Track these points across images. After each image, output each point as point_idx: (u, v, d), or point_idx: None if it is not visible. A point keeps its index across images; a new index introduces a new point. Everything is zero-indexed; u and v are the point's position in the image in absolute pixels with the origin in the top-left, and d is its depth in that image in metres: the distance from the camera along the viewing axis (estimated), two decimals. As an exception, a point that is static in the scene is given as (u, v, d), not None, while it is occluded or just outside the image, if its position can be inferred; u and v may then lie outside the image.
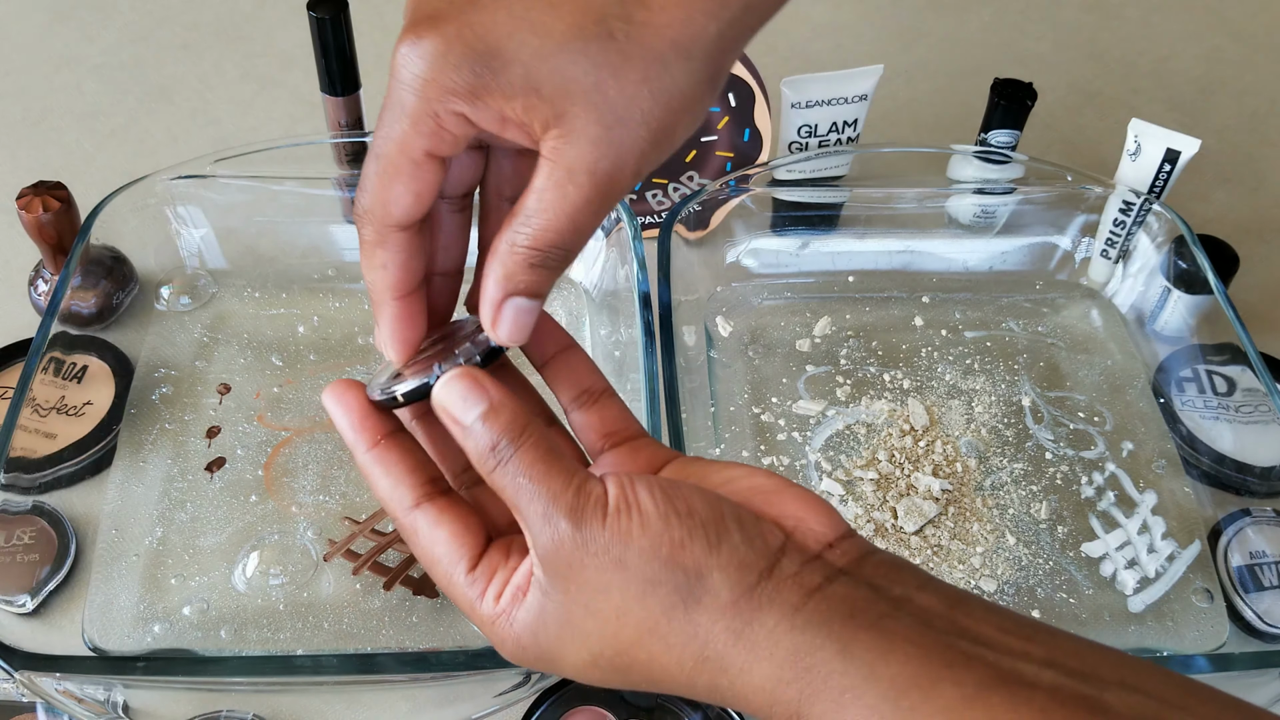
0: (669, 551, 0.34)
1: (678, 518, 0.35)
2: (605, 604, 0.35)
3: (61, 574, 0.62)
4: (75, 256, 0.67)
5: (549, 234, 0.36)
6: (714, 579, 0.34)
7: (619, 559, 0.34)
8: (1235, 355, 0.70)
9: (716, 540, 0.35)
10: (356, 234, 0.38)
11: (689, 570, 0.34)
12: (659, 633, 0.35)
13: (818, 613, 0.34)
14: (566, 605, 0.36)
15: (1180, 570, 0.64)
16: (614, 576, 0.35)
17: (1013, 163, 0.77)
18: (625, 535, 0.35)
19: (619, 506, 0.35)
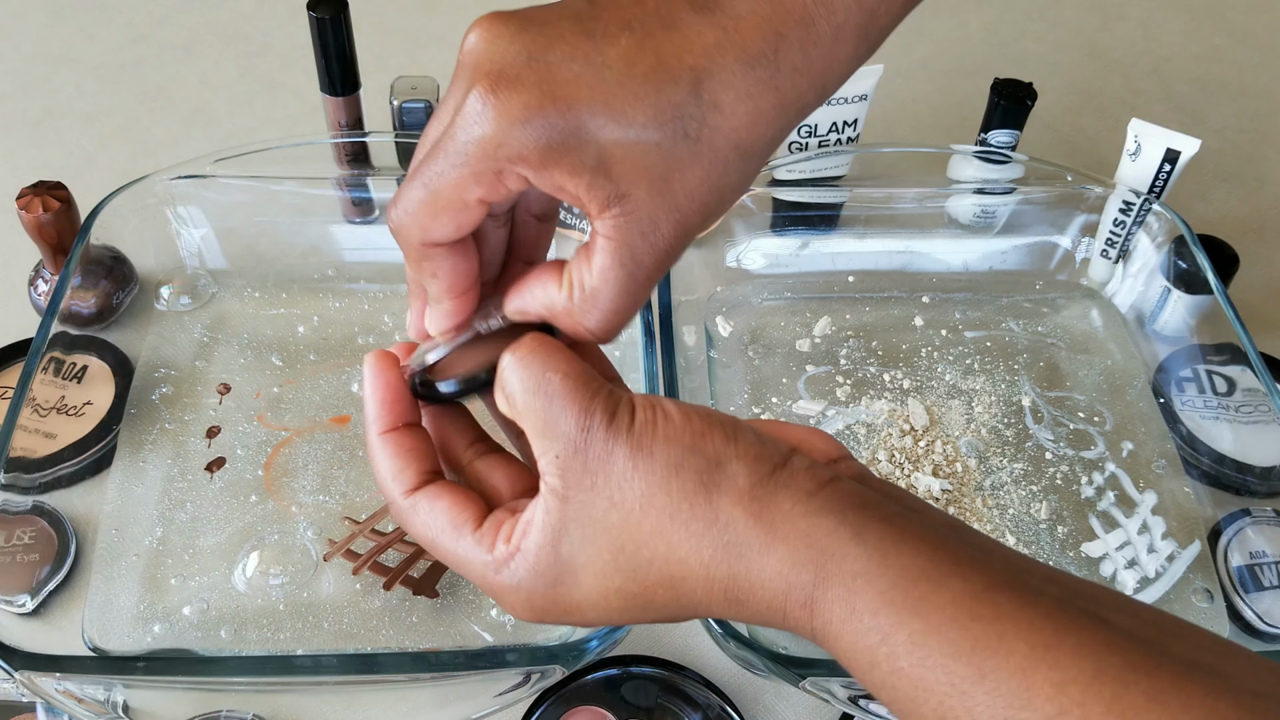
0: (691, 440, 0.36)
1: (698, 416, 0.37)
2: (629, 494, 0.36)
3: (61, 574, 0.62)
4: (75, 256, 0.67)
5: (617, 315, 0.38)
6: (733, 466, 0.36)
7: (644, 448, 0.36)
8: (1235, 355, 0.70)
9: (734, 434, 0.36)
10: (395, 241, 0.39)
11: (709, 457, 0.36)
12: (681, 518, 0.35)
13: (831, 499, 0.35)
14: (590, 502, 0.36)
15: (1180, 570, 0.64)
16: (639, 464, 0.35)
17: (1013, 163, 0.77)
18: (651, 427, 0.36)
19: (645, 407, 0.37)
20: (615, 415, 0.36)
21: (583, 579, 0.37)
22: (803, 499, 0.35)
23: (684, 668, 0.61)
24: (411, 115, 0.76)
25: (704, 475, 0.35)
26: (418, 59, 0.97)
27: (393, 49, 0.98)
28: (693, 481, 0.35)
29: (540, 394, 0.36)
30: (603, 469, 0.36)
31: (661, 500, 0.35)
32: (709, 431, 0.36)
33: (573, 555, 0.37)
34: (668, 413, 0.37)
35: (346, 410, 0.70)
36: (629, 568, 0.36)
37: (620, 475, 0.36)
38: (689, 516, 0.35)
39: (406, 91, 0.76)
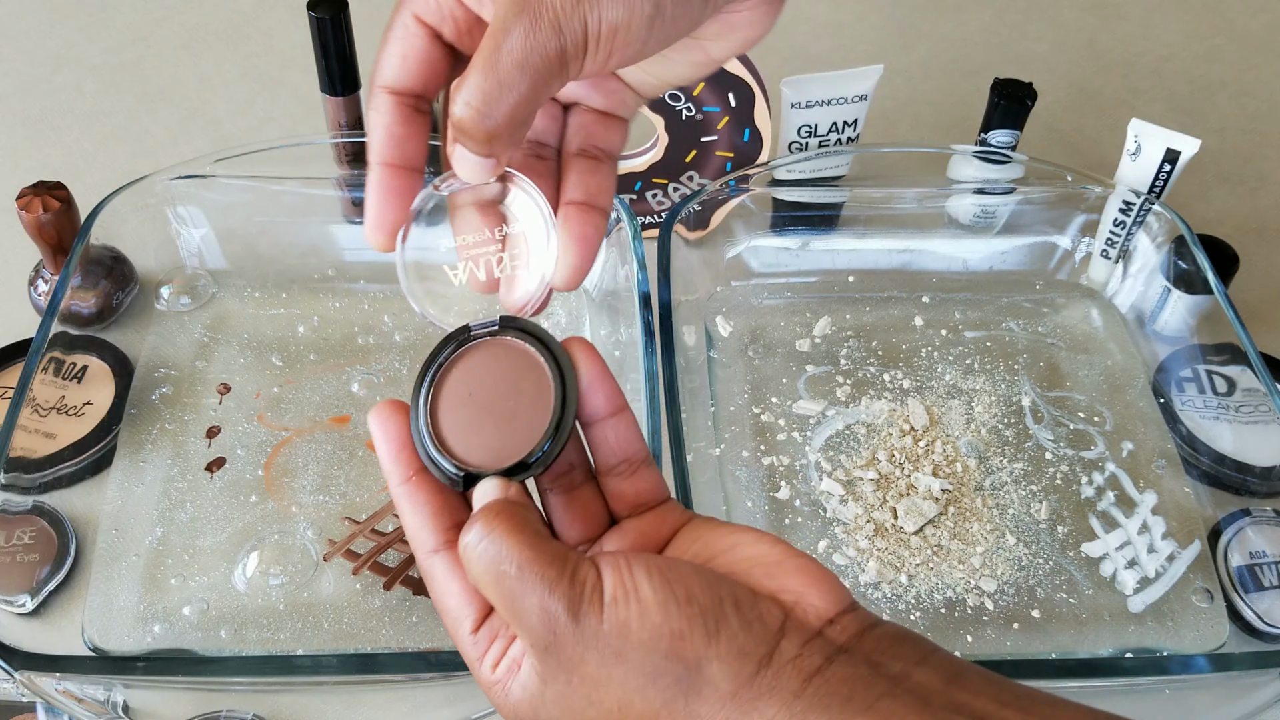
0: (669, 645, 0.35)
1: (676, 605, 0.35)
2: (606, 696, 0.35)
3: (61, 574, 0.62)
4: (75, 256, 0.67)
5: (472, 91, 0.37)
6: (713, 669, 0.35)
7: (619, 652, 0.35)
8: (1235, 355, 0.70)
9: (715, 629, 0.35)
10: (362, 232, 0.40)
11: (689, 662, 0.35)
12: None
13: (817, 699, 0.34)
14: (567, 695, 0.36)
15: (1180, 570, 0.64)
16: (614, 670, 0.35)
17: (1013, 163, 0.77)
18: (624, 628, 0.35)
19: (615, 596, 0.36)
20: (581, 613, 0.35)
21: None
22: (787, 702, 0.34)
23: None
24: (411, 115, 0.76)
25: (683, 682, 0.35)
26: (418, 59, 0.97)
27: None
28: (672, 688, 0.35)
29: (501, 587, 0.36)
30: (576, 670, 0.36)
31: (640, 707, 0.35)
32: (687, 631, 0.35)
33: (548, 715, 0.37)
34: (643, 602, 0.35)
35: (346, 410, 0.70)
36: None
37: (594, 680, 0.35)
38: (662, 706, 0.35)
39: (406, 91, 0.76)
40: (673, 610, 0.35)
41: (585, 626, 0.35)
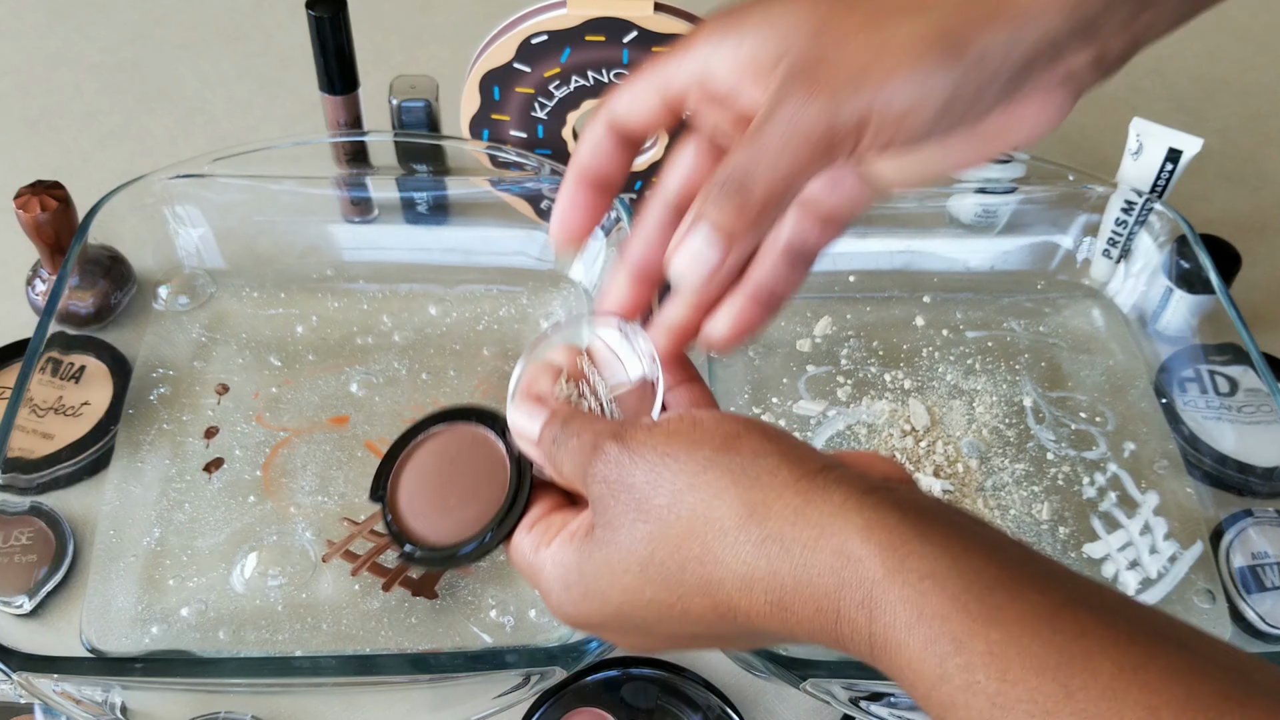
0: (722, 440, 0.34)
1: (733, 420, 0.35)
2: (656, 498, 0.34)
3: (59, 575, 0.61)
4: (73, 256, 0.67)
5: (739, 160, 0.36)
6: (771, 460, 0.34)
7: (666, 453, 0.34)
8: (1237, 355, 0.69)
9: (775, 435, 0.35)
10: None
11: (744, 453, 0.34)
12: (713, 516, 0.33)
13: (889, 497, 0.32)
14: (617, 513, 0.35)
15: (1182, 571, 0.64)
16: (664, 470, 0.34)
17: (1014, 162, 0.77)
18: (674, 434, 0.35)
19: (670, 419, 0.36)
20: (632, 429, 0.36)
21: (611, 595, 0.36)
22: (856, 494, 0.32)
23: (684, 669, 0.60)
24: (410, 114, 0.75)
25: (738, 471, 0.33)
26: (417, 58, 0.97)
27: (392, 48, 0.98)
28: (726, 477, 0.33)
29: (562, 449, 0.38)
30: (625, 480, 0.35)
31: (690, 499, 0.34)
32: (745, 432, 0.34)
33: (597, 573, 0.36)
34: (697, 418, 0.36)
35: (345, 411, 0.69)
36: (660, 577, 0.34)
37: (646, 481, 0.34)
38: (721, 514, 0.33)
39: (405, 90, 0.75)
40: (728, 422, 0.35)
41: (638, 434, 0.35)
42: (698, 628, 0.35)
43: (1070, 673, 0.28)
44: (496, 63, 0.72)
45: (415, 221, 0.79)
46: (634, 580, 0.35)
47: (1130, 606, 0.30)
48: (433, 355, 0.73)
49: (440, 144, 0.77)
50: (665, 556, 0.34)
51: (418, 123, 0.76)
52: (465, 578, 0.62)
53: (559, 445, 0.38)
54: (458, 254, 0.78)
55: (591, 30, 0.70)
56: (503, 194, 0.78)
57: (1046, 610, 0.29)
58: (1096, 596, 0.30)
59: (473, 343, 0.73)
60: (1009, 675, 0.28)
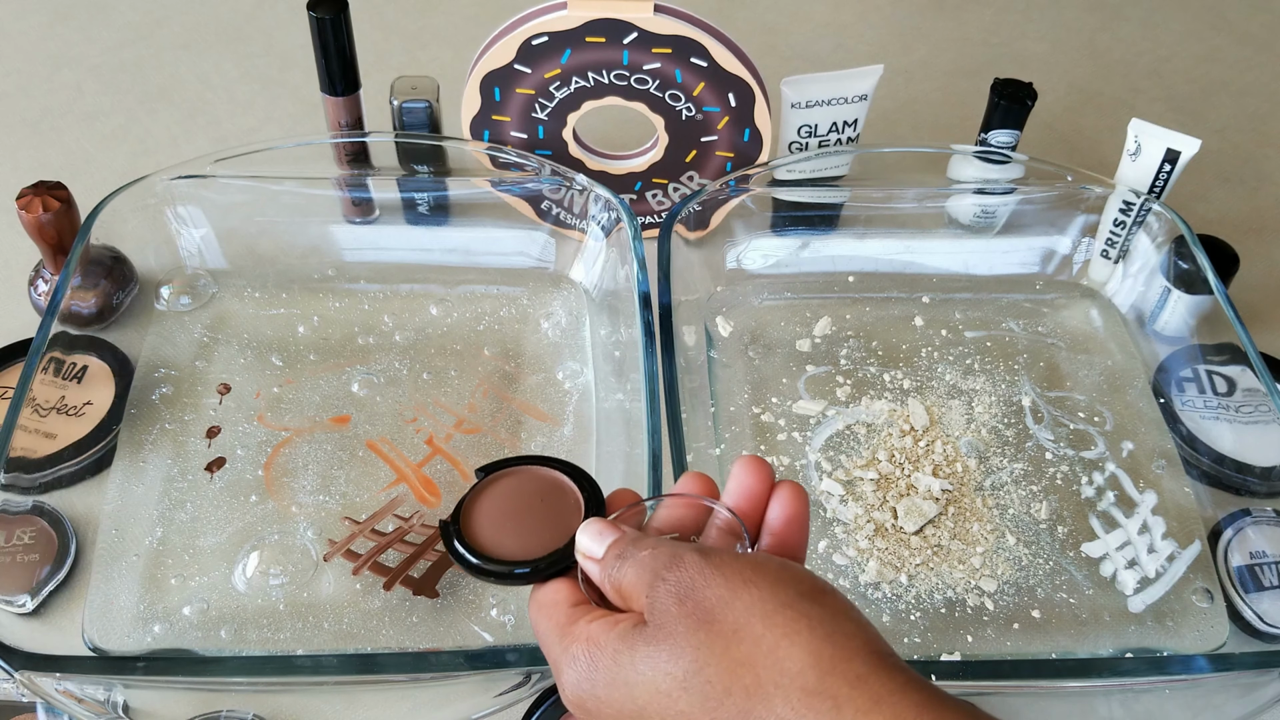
0: (809, 589, 0.35)
1: (820, 579, 0.36)
2: (725, 617, 0.34)
3: (61, 574, 0.62)
4: (75, 256, 0.67)
5: None
6: (851, 625, 0.34)
7: (751, 580, 0.34)
8: (1235, 355, 0.70)
9: (854, 606, 0.35)
10: None
11: (828, 607, 0.34)
12: (776, 654, 0.33)
13: (942, 694, 0.33)
14: (678, 618, 0.35)
15: (1180, 570, 0.64)
16: (743, 594, 0.34)
17: (1013, 163, 0.77)
18: (761, 566, 0.35)
19: (761, 554, 0.36)
20: (713, 553, 0.36)
21: (639, 692, 0.35)
22: (916, 679, 0.33)
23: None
24: (411, 115, 0.76)
25: (816, 621, 0.33)
26: (418, 59, 0.97)
27: (393, 49, 0.98)
28: (803, 621, 0.33)
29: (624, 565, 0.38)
30: (702, 589, 0.35)
31: (759, 630, 0.33)
32: (831, 591, 0.35)
33: (637, 662, 0.35)
34: (786, 563, 0.36)
35: (346, 410, 0.70)
36: (701, 692, 0.34)
37: (719, 599, 0.34)
38: (785, 654, 0.33)
39: (406, 91, 0.76)
40: (818, 577, 0.35)
41: (717, 559, 0.35)
42: None
43: None
44: (497, 64, 0.72)
45: (416, 222, 0.79)
46: (671, 685, 0.34)
47: None
48: (434, 355, 0.73)
49: (441, 145, 0.77)
50: (714, 675, 0.34)
51: (419, 124, 0.76)
52: (467, 577, 0.62)
53: (625, 559, 0.38)
54: (458, 254, 0.78)
55: (592, 31, 0.70)
56: (503, 194, 0.78)
57: None
58: None
59: (473, 343, 0.74)
60: None
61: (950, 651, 0.60)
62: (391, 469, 0.67)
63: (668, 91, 0.73)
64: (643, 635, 0.35)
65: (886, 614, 0.62)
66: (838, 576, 0.63)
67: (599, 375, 0.72)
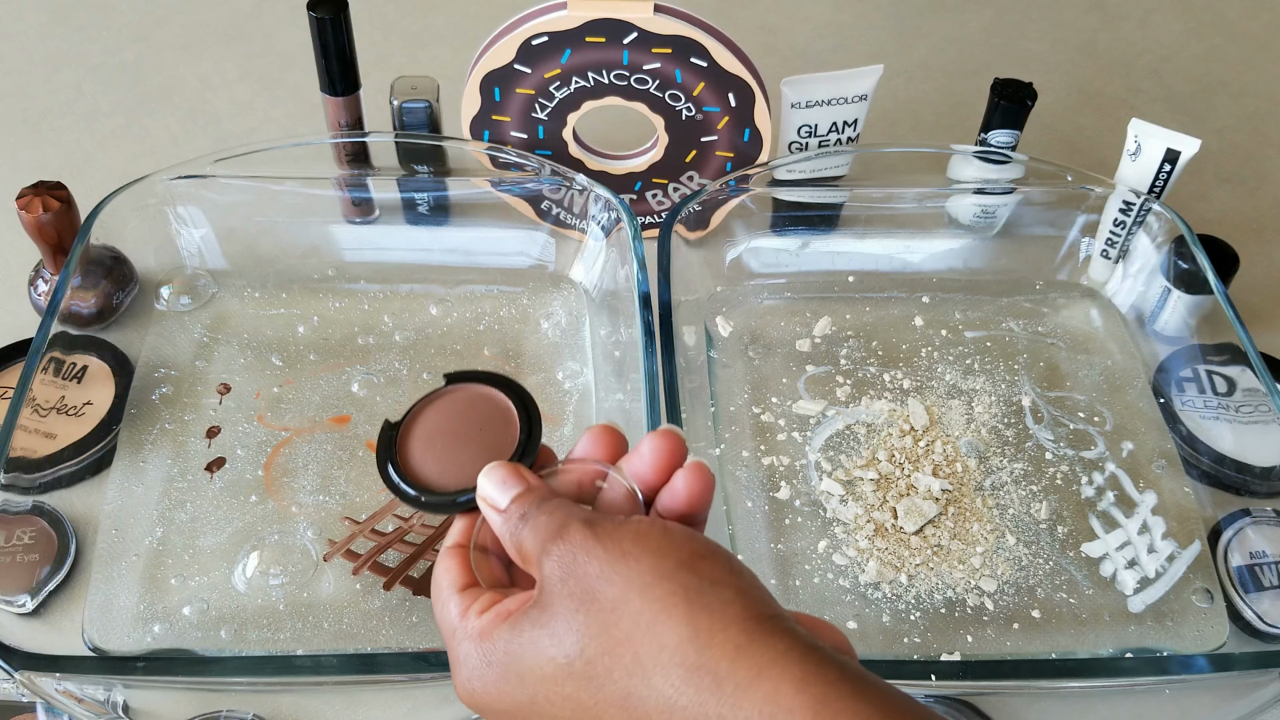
0: (688, 556, 0.33)
1: (705, 543, 0.34)
2: (604, 594, 0.33)
3: (61, 574, 0.62)
4: (75, 256, 0.67)
5: None
6: (729, 592, 0.33)
7: (630, 552, 0.34)
8: (1235, 355, 0.70)
9: (740, 569, 0.34)
10: None
11: (705, 575, 0.33)
12: (654, 630, 0.32)
13: (827, 658, 0.32)
14: (560, 598, 0.34)
15: (1180, 570, 0.64)
16: (621, 567, 0.33)
17: (1013, 163, 0.77)
18: (642, 535, 0.34)
19: (642, 522, 0.35)
20: (598, 521, 0.35)
21: (529, 681, 0.34)
22: (800, 646, 0.32)
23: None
24: (411, 115, 0.76)
25: (693, 591, 0.32)
26: (418, 59, 0.97)
27: (393, 49, 0.98)
28: (679, 594, 0.32)
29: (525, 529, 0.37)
30: (584, 565, 0.34)
31: (637, 605, 0.33)
32: (712, 555, 0.34)
33: (524, 651, 0.34)
34: (670, 528, 0.34)
35: (346, 410, 0.70)
36: (584, 674, 0.33)
37: (599, 574, 0.33)
38: (663, 629, 0.32)
39: (406, 91, 0.76)
40: (700, 540, 0.34)
41: (602, 528, 0.34)
42: None
43: None
44: (497, 64, 0.72)
45: (416, 222, 0.79)
46: (556, 670, 0.34)
47: None
48: (434, 355, 0.73)
49: (441, 145, 0.77)
50: (595, 655, 0.33)
51: (419, 124, 0.76)
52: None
53: (527, 521, 0.37)
54: (458, 254, 0.78)
55: (592, 31, 0.70)
56: (503, 194, 0.78)
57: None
58: None
59: (473, 343, 0.74)
60: None
61: (950, 651, 0.60)
62: (391, 469, 0.67)
63: (668, 91, 0.73)
64: (529, 619, 0.35)
65: (886, 614, 0.62)
66: (838, 576, 0.63)
67: (599, 375, 0.72)
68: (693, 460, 0.38)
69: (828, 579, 0.63)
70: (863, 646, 0.60)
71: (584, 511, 0.36)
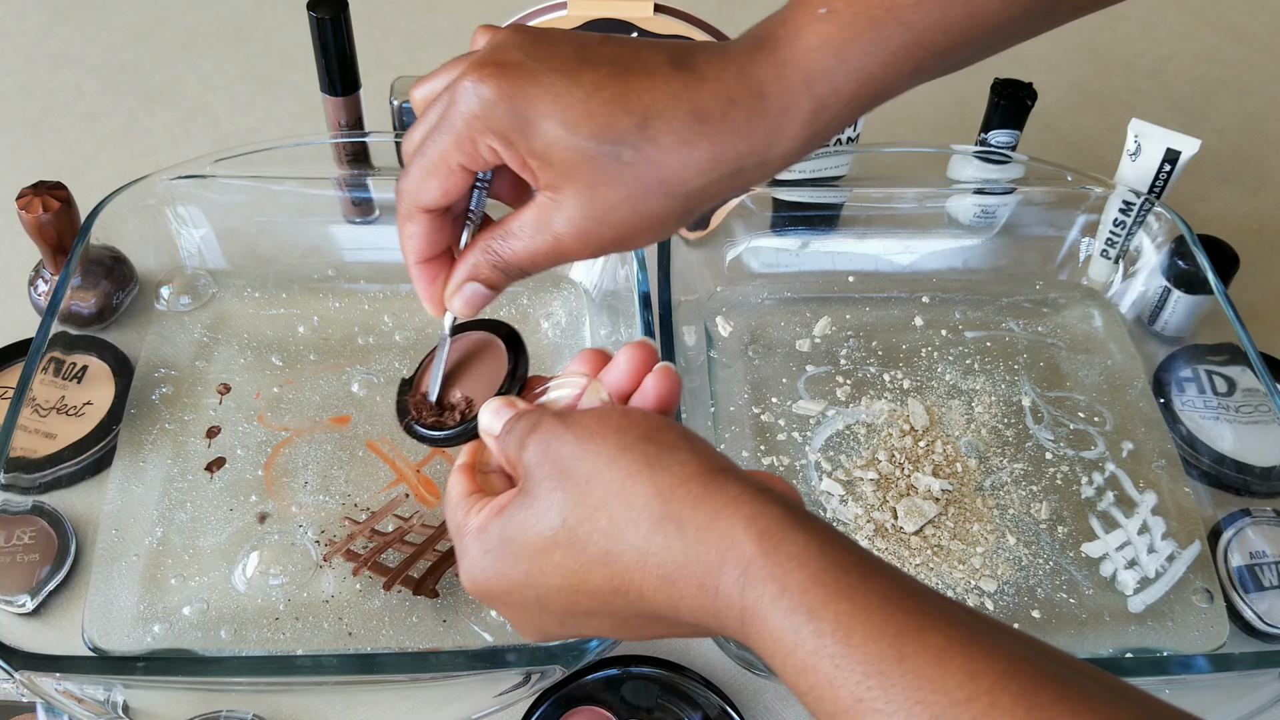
0: (644, 429, 0.38)
1: (658, 418, 0.39)
2: (577, 470, 0.38)
3: (61, 574, 0.62)
4: (75, 256, 0.67)
5: (516, 256, 0.43)
6: (683, 453, 0.38)
7: (593, 432, 0.38)
8: (1235, 355, 0.70)
9: (693, 436, 0.39)
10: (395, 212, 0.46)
11: (661, 444, 0.38)
12: (624, 493, 0.37)
13: (773, 500, 0.36)
14: (540, 480, 0.39)
15: (1180, 570, 0.64)
16: (589, 445, 0.38)
17: (1013, 163, 0.77)
18: (604, 417, 0.39)
19: (605, 407, 0.40)
20: (580, 410, 0.40)
21: (522, 557, 0.39)
22: (750, 491, 0.36)
23: (684, 668, 0.61)
24: (411, 115, 0.75)
25: (653, 457, 0.37)
26: (418, 59, 0.97)
27: (393, 49, 0.98)
28: (641, 461, 0.37)
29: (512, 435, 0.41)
30: (557, 449, 0.39)
31: (606, 476, 0.37)
32: (667, 427, 0.39)
33: (514, 533, 0.39)
34: (628, 410, 0.40)
35: (346, 410, 0.70)
36: (568, 541, 0.38)
37: (571, 454, 0.38)
38: (631, 491, 0.37)
39: (406, 91, 0.75)
40: (655, 417, 0.39)
41: (567, 420, 0.39)
42: (592, 602, 0.38)
43: (904, 641, 0.32)
44: (497, 64, 0.72)
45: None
46: (544, 542, 0.38)
47: (971, 610, 0.34)
48: (433, 355, 0.73)
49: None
50: (575, 523, 0.38)
51: (418, 123, 0.76)
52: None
53: (510, 431, 0.41)
54: (458, 254, 0.78)
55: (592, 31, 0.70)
56: (503, 194, 0.78)
57: (894, 593, 0.33)
58: (941, 596, 0.34)
59: (473, 343, 0.74)
60: (852, 640, 0.32)
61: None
62: (391, 469, 0.67)
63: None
64: (516, 504, 0.39)
65: (886, 614, 0.62)
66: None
67: (599, 375, 0.72)
68: (661, 365, 0.43)
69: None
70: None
71: (555, 411, 0.41)
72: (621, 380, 0.44)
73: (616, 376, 0.44)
